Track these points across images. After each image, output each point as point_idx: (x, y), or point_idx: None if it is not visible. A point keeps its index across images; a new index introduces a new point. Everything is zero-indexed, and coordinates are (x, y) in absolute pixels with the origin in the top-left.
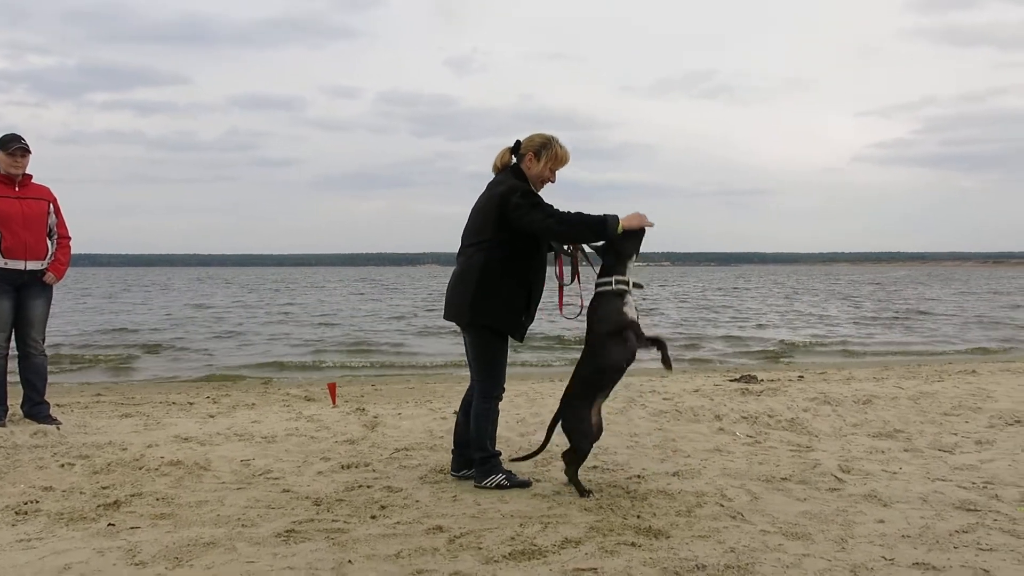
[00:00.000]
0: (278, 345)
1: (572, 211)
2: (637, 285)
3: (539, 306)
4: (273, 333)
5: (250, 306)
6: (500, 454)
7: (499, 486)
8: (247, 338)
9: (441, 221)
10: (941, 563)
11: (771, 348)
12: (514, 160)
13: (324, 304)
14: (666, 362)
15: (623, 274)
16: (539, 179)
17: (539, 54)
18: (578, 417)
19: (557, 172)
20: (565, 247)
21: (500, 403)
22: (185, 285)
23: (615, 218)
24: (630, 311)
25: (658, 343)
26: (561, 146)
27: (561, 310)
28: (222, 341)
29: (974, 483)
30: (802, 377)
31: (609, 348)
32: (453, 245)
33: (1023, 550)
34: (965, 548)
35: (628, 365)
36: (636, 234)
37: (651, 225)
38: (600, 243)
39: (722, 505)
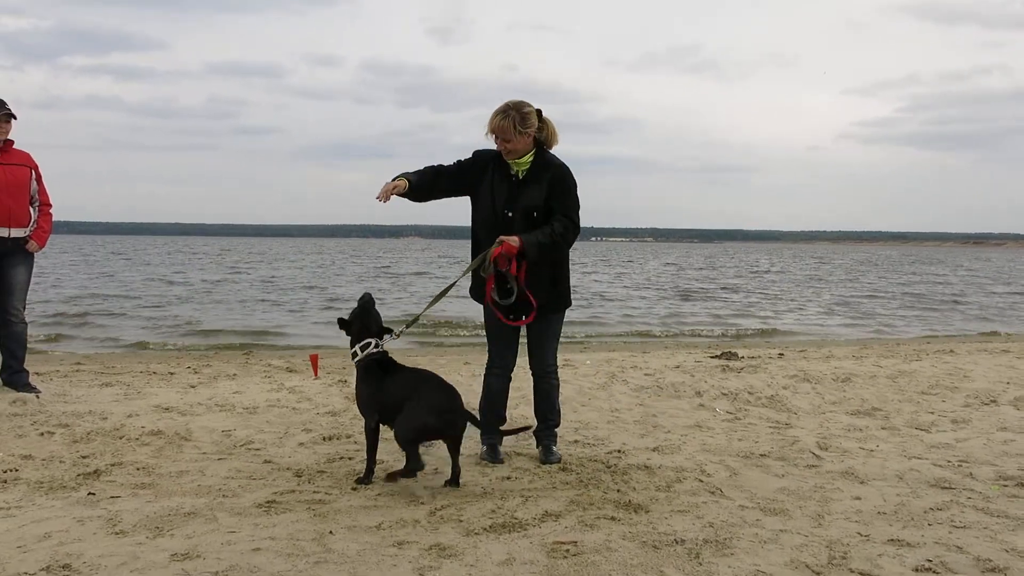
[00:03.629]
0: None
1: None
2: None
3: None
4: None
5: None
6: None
7: (480, 459)
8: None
9: None
10: (915, 540)
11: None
12: None
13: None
14: None
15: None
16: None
17: (523, 24)
18: None
19: (503, 141)
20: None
21: (501, 382)
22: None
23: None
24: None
25: None
26: (495, 114)
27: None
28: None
29: (949, 461)
30: (782, 355)
31: None
32: (436, 218)
33: (996, 528)
34: (939, 525)
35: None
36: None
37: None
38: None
39: (701, 480)
